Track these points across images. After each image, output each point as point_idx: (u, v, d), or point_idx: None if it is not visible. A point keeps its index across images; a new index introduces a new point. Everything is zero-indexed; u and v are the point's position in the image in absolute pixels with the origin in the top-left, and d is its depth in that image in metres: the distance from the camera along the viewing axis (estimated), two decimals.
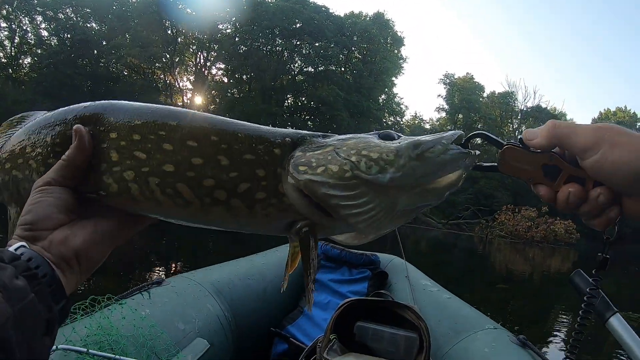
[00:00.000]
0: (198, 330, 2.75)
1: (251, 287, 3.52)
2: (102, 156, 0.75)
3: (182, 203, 0.73)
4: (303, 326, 3.67)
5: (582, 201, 0.75)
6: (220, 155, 0.72)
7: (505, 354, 2.61)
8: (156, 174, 0.72)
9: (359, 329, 2.76)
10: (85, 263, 0.71)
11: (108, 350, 2.12)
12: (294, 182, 0.72)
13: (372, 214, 0.72)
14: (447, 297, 3.65)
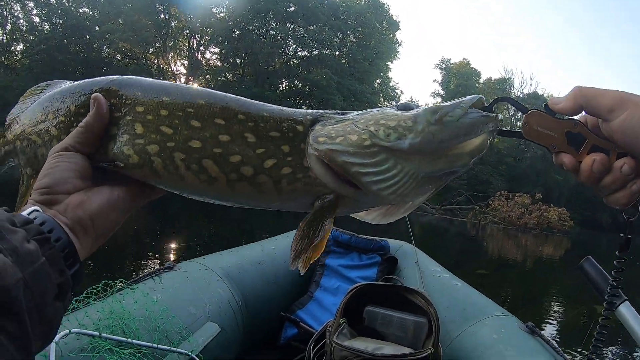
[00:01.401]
0: (209, 315, 2.75)
1: (262, 272, 3.52)
2: (126, 128, 0.75)
3: (206, 179, 0.73)
4: (313, 311, 3.68)
5: (606, 171, 0.73)
6: (247, 132, 0.73)
7: (514, 340, 2.62)
8: (182, 149, 0.73)
9: (368, 314, 2.77)
10: (102, 227, 0.71)
11: (120, 334, 2.11)
12: (315, 153, 0.73)
13: (396, 180, 0.72)
14: (456, 284, 3.65)
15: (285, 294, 3.76)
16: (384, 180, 0.72)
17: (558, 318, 9.13)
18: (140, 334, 2.20)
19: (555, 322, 8.75)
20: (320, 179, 0.74)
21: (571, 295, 11.04)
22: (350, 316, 2.65)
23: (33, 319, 0.54)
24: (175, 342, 2.33)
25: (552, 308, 10.08)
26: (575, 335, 7.17)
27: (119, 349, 2.03)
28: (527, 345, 2.53)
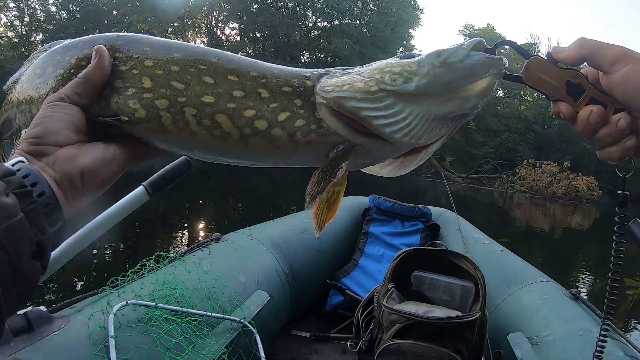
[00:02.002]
0: (258, 283, 2.76)
1: (306, 240, 3.53)
2: (133, 81, 0.73)
3: (219, 135, 0.72)
4: (357, 278, 3.69)
5: (603, 123, 0.72)
6: (260, 88, 0.73)
7: (558, 306, 2.58)
8: (194, 104, 0.71)
9: (416, 278, 2.76)
10: (91, 184, 0.67)
11: (175, 304, 2.13)
12: (324, 101, 0.73)
13: (407, 122, 0.72)
14: (499, 250, 3.62)
15: (330, 262, 3.79)
16: (395, 122, 0.72)
17: (588, 288, 9.03)
18: (194, 303, 2.22)
19: (584, 291, 8.64)
20: (333, 129, 0.74)
21: (600, 265, 10.83)
22: (397, 282, 2.64)
23: (6, 277, 0.51)
24: (228, 310, 2.35)
25: (580, 278, 9.96)
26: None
27: (175, 318, 2.06)
28: (571, 311, 2.50)
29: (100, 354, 1.66)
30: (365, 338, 2.62)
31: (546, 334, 2.36)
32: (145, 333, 1.88)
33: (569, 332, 2.29)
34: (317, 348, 3.21)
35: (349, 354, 3.13)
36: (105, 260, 6.13)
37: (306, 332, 3.35)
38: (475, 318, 2.29)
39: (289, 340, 3.26)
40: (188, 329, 2.06)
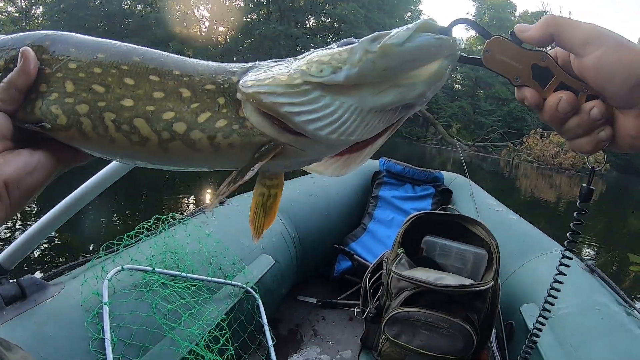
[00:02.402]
0: (263, 247, 2.68)
1: (314, 204, 3.44)
2: (56, 86, 0.69)
3: (137, 140, 0.68)
4: (366, 243, 3.60)
5: (573, 112, 0.66)
6: (182, 87, 0.69)
7: (574, 278, 2.46)
8: (113, 109, 0.67)
9: (426, 244, 2.65)
10: (16, 194, 0.64)
11: (174, 268, 2.05)
12: (244, 97, 0.67)
13: (335, 117, 0.65)
14: (512, 218, 3.51)
15: (338, 226, 3.69)
16: (321, 118, 0.65)
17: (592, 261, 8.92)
18: (195, 268, 2.14)
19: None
20: (257, 128, 0.68)
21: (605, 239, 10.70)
22: (407, 247, 2.54)
23: None
24: (230, 275, 2.27)
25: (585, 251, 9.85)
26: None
27: (173, 283, 1.98)
28: (587, 284, 2.39)
29: (94, 321, 1.59)
30: (373, 305, 2.53)
31: (561, 307, 2.25)
32: (141, 299, 1.81)
33: (585, 306, 2.19)
34: (323, 314, 3.14)
35: (356, 321, 3.08)
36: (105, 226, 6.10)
37: (313, 298, 3.28)
38: (487, 287, 2.18)
39: (295, 306, 3.20)
40: (186, 295, 1.98)
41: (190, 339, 1.83)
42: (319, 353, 2.71)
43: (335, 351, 2.75)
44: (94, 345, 1.53)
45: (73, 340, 1.51)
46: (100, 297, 1.67)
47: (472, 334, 2.19)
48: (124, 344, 1.63)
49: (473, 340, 2.20)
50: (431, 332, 2.24)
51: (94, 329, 1.57)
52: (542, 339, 2.12)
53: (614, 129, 0.65)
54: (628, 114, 0.63)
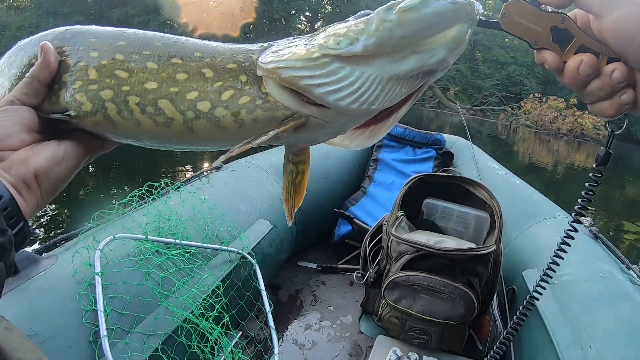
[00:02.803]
0: (260, 212, 2.63)
1: (312, 168, 3.30)
2: (79, 74, 0.71)
3: (163, 121, 0.69)
4: (366, 207, 3.55)
5: (594, 75, 0.64)
6: (204, 68, 0.70)
7: (578, 243, 2.38)
8: (137, 92, 0.69)
9: (427, 206, 2.60)
10: (46, 184, 0.67)
11: (168, 236, 2.01)
12: (264, 73, 0.68)
13: (356, 87, 0.65)
14: (515, 182, 3.43)
15: (338, 190, 3.63)
16: (341, 89, 0.65)
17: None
18: (189, 234, 2.10)
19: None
20: (280, 102, 0.68)
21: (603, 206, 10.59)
22: (407, 210, 2.48)
23: None
24: (226, 241, 2.23)
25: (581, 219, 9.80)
26: None
27: (167, 251, 1.94)
28: (591, 251, 2.32)
29: (86, 292, 1.55)
30: (373, 270, 2.49)
31: (564, 273, 2.20)
32: (134, 268, 1.77)
33: (589, 273, 2.13)
34: (324, 280, 3.12)
35: (356, 286, 3.06)
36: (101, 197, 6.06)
37: (312, 264, 3.26)
38: (490, 251, 2.13)
39: (295, 271, 3.17)
40: (180, 262, 1.94)
41: (185, 307, 1.80)
42: (319, 319, 2.69)
43: (336, 316, 2.73)
44: (86, 317, 1.50)
45: (65, 313, 1.48)
46: (92, 267, 1.63)
47: (474, 299, 2.15)
48: (118, 315, 1.60)
49: (474, 306, 2.16)
50: (432, 297, 2.20)
51: (87, 301, 1.53)
52: (545, 305, 2.09)
53: (636, 91, 0.63)
54: None
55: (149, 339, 1.64)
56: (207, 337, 1.82)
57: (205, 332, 1.82)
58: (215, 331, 1.85)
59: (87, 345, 1.47)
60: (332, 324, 2.65)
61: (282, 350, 2.38)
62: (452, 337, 2.30)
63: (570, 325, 1.90)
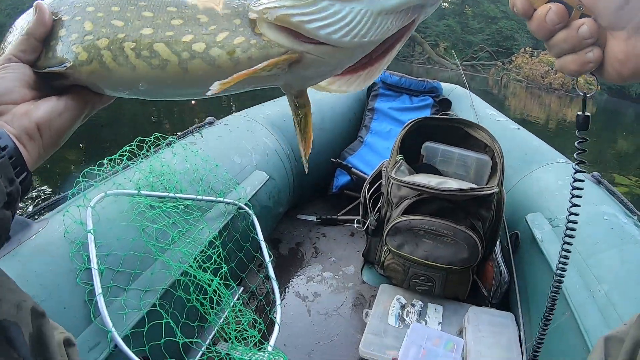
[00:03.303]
0: (255, 164, 2.56)
1: None
2: (75, 27, 0.74)
3: (158, 64, 0.70)
4: (364, 156, 3.50)
5: (562, 25, 0.64)
6: (199, 14, 0.71)
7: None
8: (132, 38, 0.70)
9: (427, 149, 2.55)
10: (47, 134, 0.69)
11: (162, 190, 1.95)
12: (255, 15, 0.69)
13: (346, 21, 0.66)
14: (515, 128, 3.35)
15: (334, 140, 3.57)
16: (332, 23, 0.66)
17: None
18: (183, 188, 2.04)
19: None
20: (274, 41, 0.69)
21: (594, 162, 10.53)
22: (406, 155, 2.42)
23: None
24: (222, 193, 2.17)
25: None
26: None
27: (161, 204, 1.88)
28: (595, 195, 2.26)
29: (79, 252, 1.50)
30: (373, 217, 2.44)
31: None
32: (127, 223, 1.71)
33: (593, 216, 2.07)
34: (324, 232, 3.08)
35: (357, 236, 3.03)
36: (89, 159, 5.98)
37: (312, 216, 3.21)
38: (493, 192, 2.08)
39: (294, 225, 3.13)
40: (175, 215, 1.88)
41: (182, 261, 1.75)
42: (320, 270, 2.66)
43: (338, 267, 2.70)
44: (80, 277, 1.45)
45: (59, 274, 1.43)
46: (84, 226, 1.57)
47: (478, 243, 2.11)
48: (113, 272, 1.55)
49: (479, 249, 2.12)
50: (435, 241, 2.16)
51: (80, 260, 1.48)
52: (550, 248, 2.05)
53: (604, 53, 0.63)
54: (618, 37, 0.61)
55: (145, 295, 1.59)
56: (206, 290, 1.78)
57: (204, 284, 1.77)
58: (213, 282, 1.80)
59: (83, 305, 1.42)
60: (334, 275, 2.62)
61: (284, 303, 2.36)
62: (456, 283, 2.28)
63: (577, 268, 1.86)
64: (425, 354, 1.95)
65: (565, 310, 1.77)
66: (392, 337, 2.10)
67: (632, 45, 0.60)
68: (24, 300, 0.62)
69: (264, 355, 1.76)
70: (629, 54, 0.61)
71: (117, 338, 1.38)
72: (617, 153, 12.55)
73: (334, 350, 2.09)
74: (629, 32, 0.60)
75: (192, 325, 1.74)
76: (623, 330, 0.73)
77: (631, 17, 0.59)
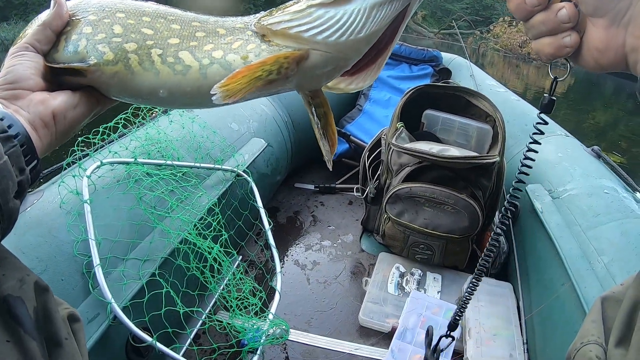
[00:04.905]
0: (253, 131, 2.53)
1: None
2: (103, 28, 0.77)
3: (181, 69, 0.74)
4: (363, 124, 3.46)
5: (541, 7, 0.63)
6: (219, 28, 0.77)
7: (580, 161, 2.33)
8: (160, 46, 0.75)
9: (427, 117, 2.51)
10: (62, 124, 0.70)
11: (159, 158, 1.91)
12: (260, 31, 0.74)
13: (341, 22, 0.69)
14: (515, 99, 3.31)
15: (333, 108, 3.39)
16: (328, 28, 0.69)
17: None
18: (181, 155, 2.00)
19: None
20: (283, 44, 0.73)
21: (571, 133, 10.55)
22: (407, 123, 2.38)
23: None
24: (219, 160, 2.14)
25: None
26: None
27: (158, 172, 1.84)
28: (594, 168, 2.25)
29: (75, 223, 1.46)
30: (373, 185, 2.42)
31: (568, 188, 2.14)
32: (124, 192, 1.68)
33: (593, 189, 2.07)
34: (322, 200, 3.06)
35: (356, 205, 3.01)
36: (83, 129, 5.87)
37: (310, 184, 3.19)
38: (494, 161, 2.05)
39: (292, 193, 3.11)
40: (173, 182, 1.85)
41: (181, 229, 1.73)
42: (319, 239, 2.65)
43: (336, 236, 2.69)
44: (78, 248, 1.42)
45: (55, 245, 1.40)
46: (80, 196, 1.54)
47: (478, 211, 2.09)
48: (110, 243, 1.52)
49: (479, 218, 2.11)
50: (435, 209, 2.14)
51: (77, 231, 1.45)
52: (550, 219, 2.04)
53: (582, 41, 0.63)
54: (597, 25, 0.60)
55: (144, 264, 1.57)
56: (205, 259, 1.76)
57: (204, 251, 1.75)
58: (214, 250, 1.79)
59: (80, 277, 1.40)
60: (333, 244, 2.61)
61: (283, 271, 2.35)
62: (455, 252, 2.27)
63: (577, 239, 1.85)
64: (425, 323, 1.95)
65: (565, 281, 1.77)
66: (391, 305, 2.10)
67: (613, 35, 0.59)
68: (27, 275, 0.61)
69: (266, 323, 1.76)
70: (609, 44, 0.60)
71: (117, 309, 1.37)
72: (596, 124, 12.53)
73: (333, 318, 2.09)
74: (610, 21, 0.59)
75: (193, 294, 1.72)
76: (620, 291, 0.71)
77: (613, 5, 0.58)
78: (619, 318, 0.67)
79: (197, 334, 1.85)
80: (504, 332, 1.95)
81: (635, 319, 0.64)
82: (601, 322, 0.70)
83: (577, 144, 2.60)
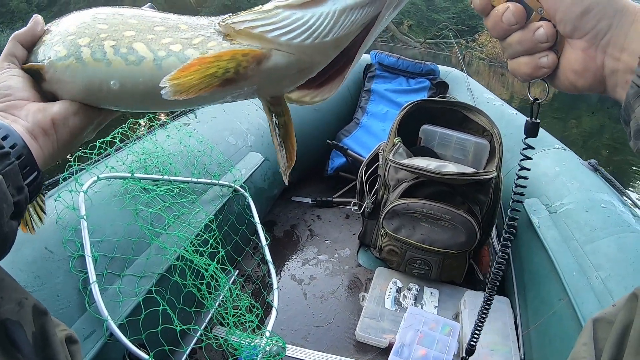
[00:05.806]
0: (251, 145, 2.53)
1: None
2: (59, 31, 0.77)
3: (134, 60, 0.72)
4: (360, 138, 3.46)
5: (518, 26, 0.62)
6: (181, 24, 0.75)
7: (577, 174, 2.33)
8: (114, 38, 0.74)
9: (424, 132, 2.51)
10: (62, 131, 0.69)
11: (156, 173, 1.91)
12: (223, 30, 0.73)
13: (308, 25, 0.67)
14: (512, 112, 3.31)
15: (330, 122, 3.53)
16: (293, 29, 0.67)
17: None
18: (178, 170, 2.00)
19: None
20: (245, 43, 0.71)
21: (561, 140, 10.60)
22: (404, 137, 2.39)
23: None
24: (217, 175, 2.14)
25: None
26: None
27: (155, 187, 1.84)
28: (591, 182, 2.25)
29: (72, 238, 1.46)
30: (370, 200, 2.42)
31: (565, 203, 2.14)
32: (121, 208, 1.67)
33: (590, 203, 2.07)
34: (319, 214, 3.06)
35: (353, 219, 3.01)
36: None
37: (307, 198, 3.18)
38: (491, 177, 2.05)
39: (289, 207, 3.10)
40: (170, 198, 1.85)
41: (177, 245, 1.72)
42: (316, 253, 2.64)
43: (333, 250, 2.68)
44: (74, 265, 1.41)
45: (51, 261, 1.38)
46: (76, 211, 1.53)
47: (476, 227, 2.09)
48: (107, 259, 1.51)
49: (476, 233, 2.11)
50: (432, 225, 2.14)
51: (73, 247, 1.44)
52: (547, 233, 2.04)
53: (559, 62, 0.63)
54: (576, 46, 0.60)
55: (141, 281, 1.56)
56: (202, 274, 1.76)
57: (200, 268, 1.75)
58: (210, 267, 1.78)
59: (77, 293, 1.39)
60: (330, 258, 2.61)
61: (280, 286, 2.34)
62: (453, 267, 2.27)
63: (574, 254, 1.85)
64: (422, 338, 1.94)
65: (563, 296, 1.77)
66: (388, 320, 2.09)
67: (591, 56, 0.59)
68: (25, 298, 0.61)
69: (262, 340, 1.75)
70: (587, 66, 0.59)
71: (113, 326, 1.36)
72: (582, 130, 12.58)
73: (330, 333, 2.08)
74: (589, 42, 0.58)
75: (189, 311, 1.71)
76: (611, 312, 0.71)
77: (592, 26, 0.57)
78: (610, 340, 0.67)
79: (193, 350, 1.84)
80: (502, 347, 1.94)
81: (626, 341, 0.64)
82: (592, 345, 0.70)
83: (574, 157, 2.61)
